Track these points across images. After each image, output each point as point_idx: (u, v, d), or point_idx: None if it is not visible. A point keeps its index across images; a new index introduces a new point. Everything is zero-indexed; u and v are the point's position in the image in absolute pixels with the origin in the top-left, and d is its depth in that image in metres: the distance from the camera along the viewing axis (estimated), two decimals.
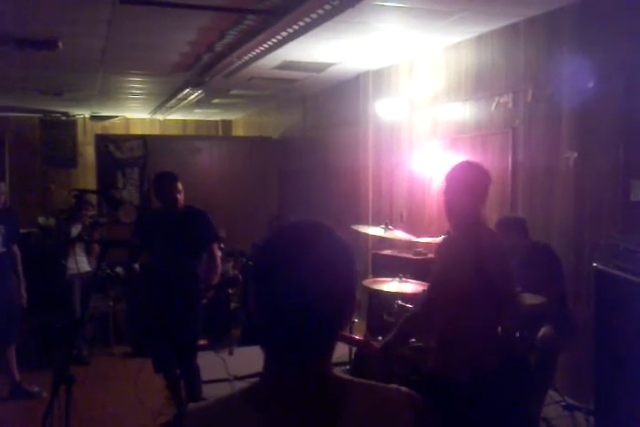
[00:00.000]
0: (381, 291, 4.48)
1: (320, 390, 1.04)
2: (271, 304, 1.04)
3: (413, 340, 3.47)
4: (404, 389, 1.14)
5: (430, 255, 5.42)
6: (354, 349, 4.04)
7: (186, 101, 8.74)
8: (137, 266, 4.68)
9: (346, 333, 2.86)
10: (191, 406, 1.10)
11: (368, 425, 1.05)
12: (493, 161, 5.14)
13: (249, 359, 1.18)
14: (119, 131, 10.91)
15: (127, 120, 11.35)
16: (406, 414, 1.09)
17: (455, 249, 2.74)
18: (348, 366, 4.36)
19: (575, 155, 4.32)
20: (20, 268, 4.99)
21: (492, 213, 5.15)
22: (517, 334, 3.52)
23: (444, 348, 2.75)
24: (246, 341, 6.07)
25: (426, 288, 3.23)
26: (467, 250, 2.67)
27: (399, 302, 4.25)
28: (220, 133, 12.25)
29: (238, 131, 12.15)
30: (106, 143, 9.19)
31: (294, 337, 1.02)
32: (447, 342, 2.74)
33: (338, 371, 1.11)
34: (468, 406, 2.57)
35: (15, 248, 4.97)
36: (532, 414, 3.69)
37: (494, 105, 5.10)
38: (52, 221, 7.95)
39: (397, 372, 3.35)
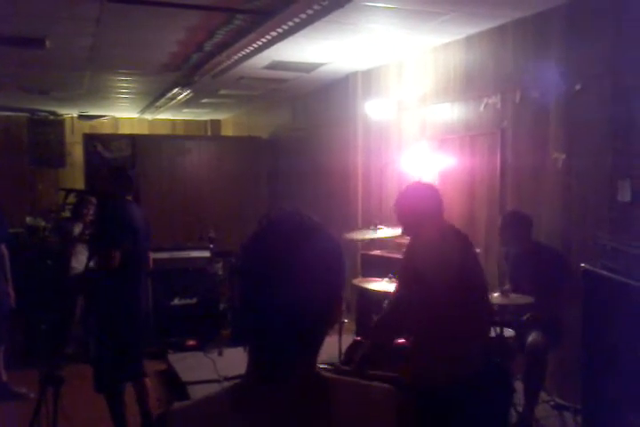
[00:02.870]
0: (370, 289, 4.51)
1: (304, 390, 1.04)
2: (257, 306, 1.03)
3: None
4: (386, 385, 1.14)
5: None
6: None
7: (175, 101, 8.71)
8: None
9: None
10: (174, 405, 1.09)
11: (351, 422, 1.05)
12: (482, 162, 5.16)
13: (238, 360, 1.17)
14: (108, 130, 10.85)
15: (116, 119, 11.29)
16: (389, 411, 1.10)
17: (434, 249, 2.76)
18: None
19: (563, 156, 4.34)
20: (7, 267, 4.96)
21: (480, 214, 5.18)
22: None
23: (421, 354, 2.75)
24: (236, 341, 6.05)
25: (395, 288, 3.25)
26: (447, 249, 2.70)
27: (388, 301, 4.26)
28: (209, 133, 12.22)
29: (227, 131, 12.12)
30: (94, 143, 9.13)
31: (281, 339, 1.02)
32: (424, 347, 2.75)
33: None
34: (448, 415, 2.55)
35: (3, 248, 4.94)
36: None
37: (483, 106, 5.12)
38: (39, 221, 7.87)
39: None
